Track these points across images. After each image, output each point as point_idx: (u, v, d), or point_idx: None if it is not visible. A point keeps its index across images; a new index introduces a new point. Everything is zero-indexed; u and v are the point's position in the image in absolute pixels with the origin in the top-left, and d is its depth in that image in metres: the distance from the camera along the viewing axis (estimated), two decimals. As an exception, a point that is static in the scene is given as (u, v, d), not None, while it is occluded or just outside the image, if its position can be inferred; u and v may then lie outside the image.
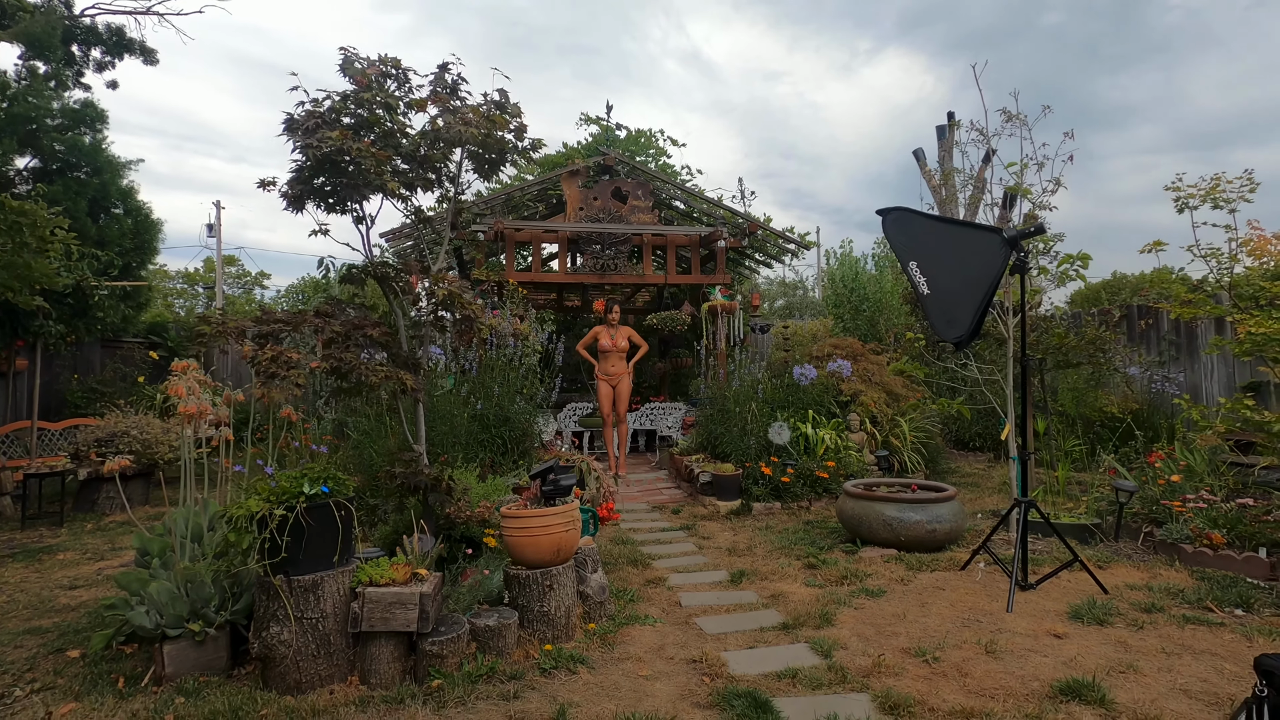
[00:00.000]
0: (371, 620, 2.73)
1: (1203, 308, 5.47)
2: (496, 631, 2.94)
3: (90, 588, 4.60)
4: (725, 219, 8.33)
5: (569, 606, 3.21)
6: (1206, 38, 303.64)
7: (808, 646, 3.15)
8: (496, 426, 6.27)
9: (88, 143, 10.08)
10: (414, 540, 3.12)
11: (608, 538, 5.39)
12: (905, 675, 2.82)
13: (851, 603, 3.77)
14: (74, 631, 3.62)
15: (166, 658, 2.84)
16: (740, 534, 5.57)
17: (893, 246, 4.07)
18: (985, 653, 3.02)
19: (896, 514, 4.78)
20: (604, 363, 7.66)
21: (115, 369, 10.40)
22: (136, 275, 10.97)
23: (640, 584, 4.20)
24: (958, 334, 3.82)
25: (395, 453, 3.81)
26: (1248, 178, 5.13)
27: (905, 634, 3.28)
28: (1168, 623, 3.35)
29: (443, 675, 2.75)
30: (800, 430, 7.15)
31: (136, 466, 7.39)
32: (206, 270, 35.02)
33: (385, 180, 3.49)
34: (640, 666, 2.97)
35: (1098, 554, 4.57)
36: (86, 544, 5.98)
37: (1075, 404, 8.34)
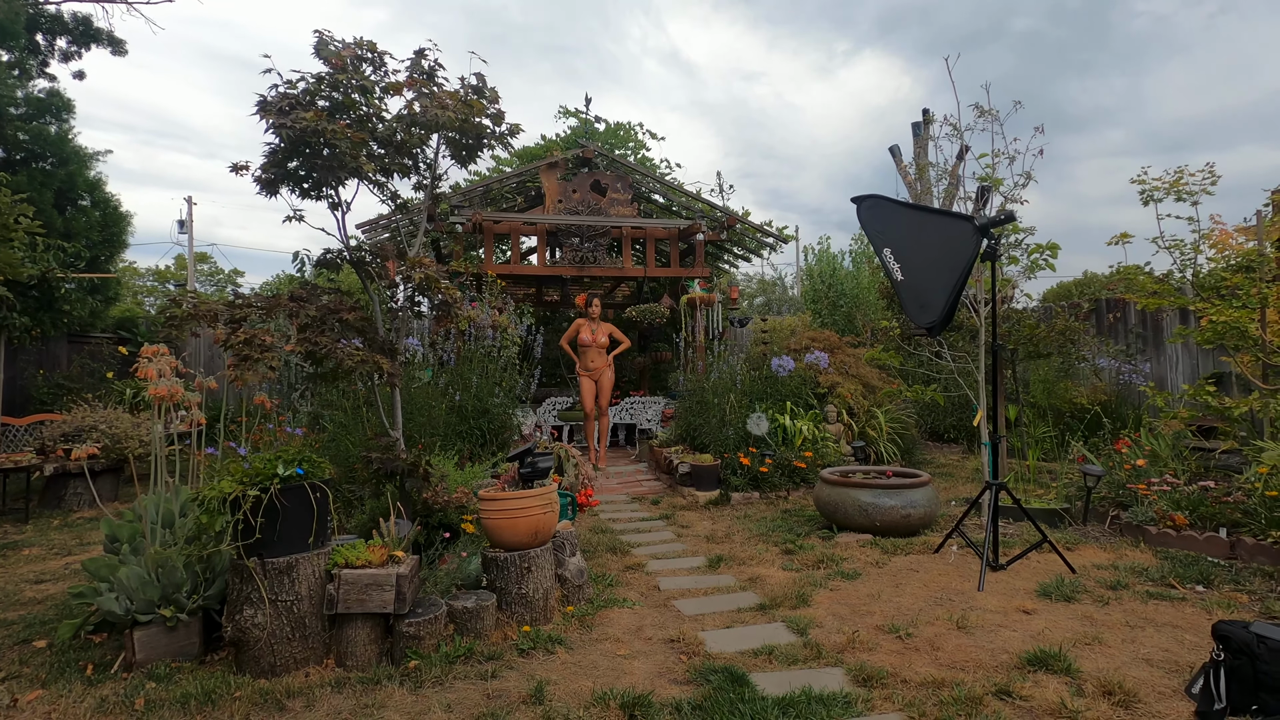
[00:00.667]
0: (348, 602, 2.71)
1: (1167, 298, 5.62)
2: (474, 613, 2.94)
3: (57, 582, 4.51)
4: (704, 212, 8.37)
5: (547, 589, 3.21)
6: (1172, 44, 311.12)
7: (784, 625, 3.18)
8: (475, 418, 6.24)
9: (53, 132, 9.84)
10: (390, 523, 3.10)
11: (587, 527, 5.40)
12: (879, 650, 2.87)
13: (827, 584, 3.82)
14: (40, 623, 3.54)
15: (137, 644, 2.80)
16: (719, 523, 5.61)
17: (867, 233, 4.13)
18: (956, 628, 3.08)
19: (872, 499, 4.85)
20: (585, 358, 7.66)
21: (83, 364, 10.17)
22: (105, 268, 10.74)
23: (619, 570, 4.21)
24: (930, 319, 3.88)
25: (372, 439, 3.78)
26: (1209, 171, 5.28)
27: (879, 612, 3.33)
28: (1132, 599, 3.45)
29: (420, 656, 2.74)
30: (778, 421, 7.21)
31: (105, 460, 7.24)
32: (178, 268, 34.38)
33: (361, 164, 3.47)
34: (618, 646, 2.98)
35: (1067, 537, 4.68)
36: (53, 540, 5.85)
37: (1046, 395, 8.52)
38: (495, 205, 8.31)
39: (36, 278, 7.64)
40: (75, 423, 7.34)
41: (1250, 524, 4.15)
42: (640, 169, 8.51)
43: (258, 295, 3.58)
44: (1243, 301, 5.03)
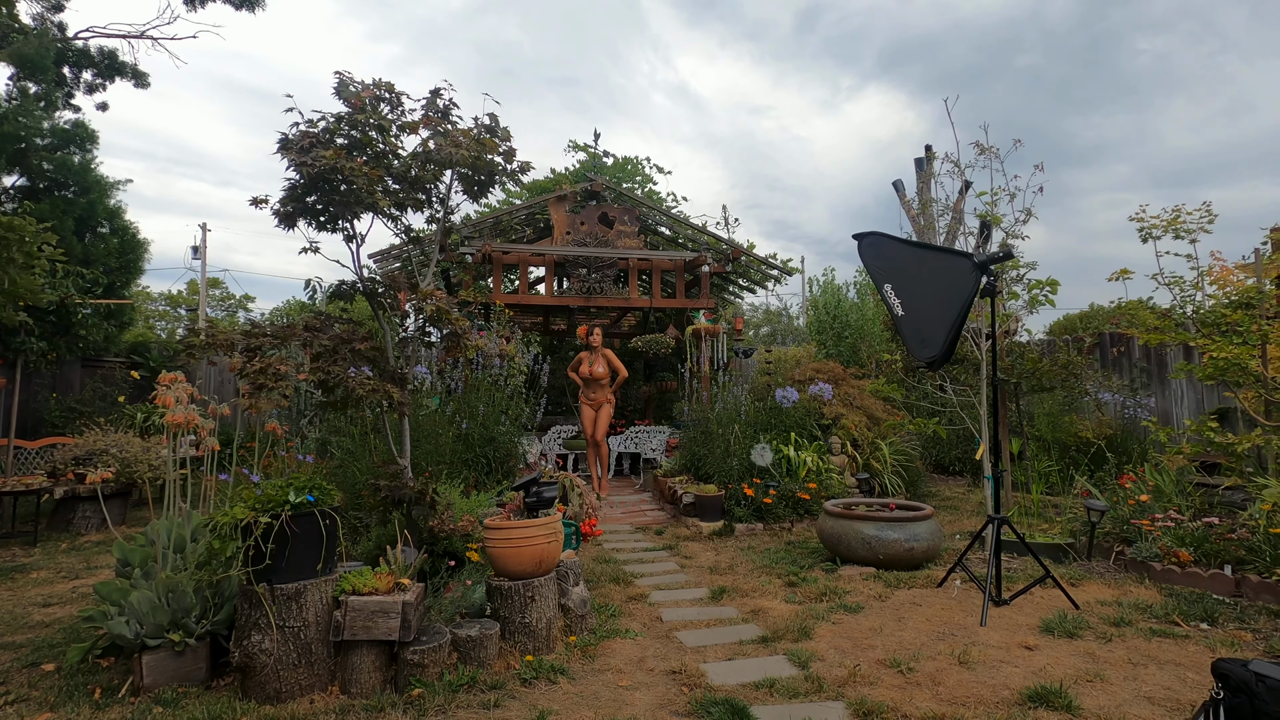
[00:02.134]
0: (353, 629, 2.75)
1: (1169, 334, 5.66)
2: (478, 641, 2.97)
3: (64, 605, 4.54)
4: (710, 245, 8.50)
5: (550, 618, 3.24)
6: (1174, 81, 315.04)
7: (785, 658, 3.19)
8: (481, 446, 6.29)
9: (76, 162, 10.12)
10: (397, 550, 3.14)
11: (591, 557, 5.41)
12: (880, 684, 2.88)
13: (830, 618, 3.82)
14: (49, 646, 3.58)
15: (145, 668, 2.83)
16: (722, 554, 5.61)
17: (868, 270, 4.21)
18: (958, 663, 3.08)
19: (875, 532, 4.86)
20: (587, 388, 7.74)
21: (95, 388, 10.31)
22: (121, 294, 10.95)
23: (622, 600, 4.23)
24: (931, 354, 3.94)
25: (379, 466, 3.84)
26: (1206, 209, 5.37)
27: (881, 646, 3.33)
28: (1135, 635, 3.44)
29: (423, 684, 2.76)
30: (783, 452, 7.23)
31: (115, 484, 7.31)
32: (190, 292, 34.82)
33: (376, 199, 3.59)
34: (620, 677, 3.00)
35: (1070, 572, 4.66)
36: (61, 563, 5.89)
37: (1050, 428, 8.51)
38: (505, 236, 8.48)
39: (56, 303, 7.79)
40: (87, 446, 7.42)
41: (1255, 561, 4.14)
42: (647, 202, 8.68)
43: (272, 324, 3.67)
44: (1243, 338, 5.07)
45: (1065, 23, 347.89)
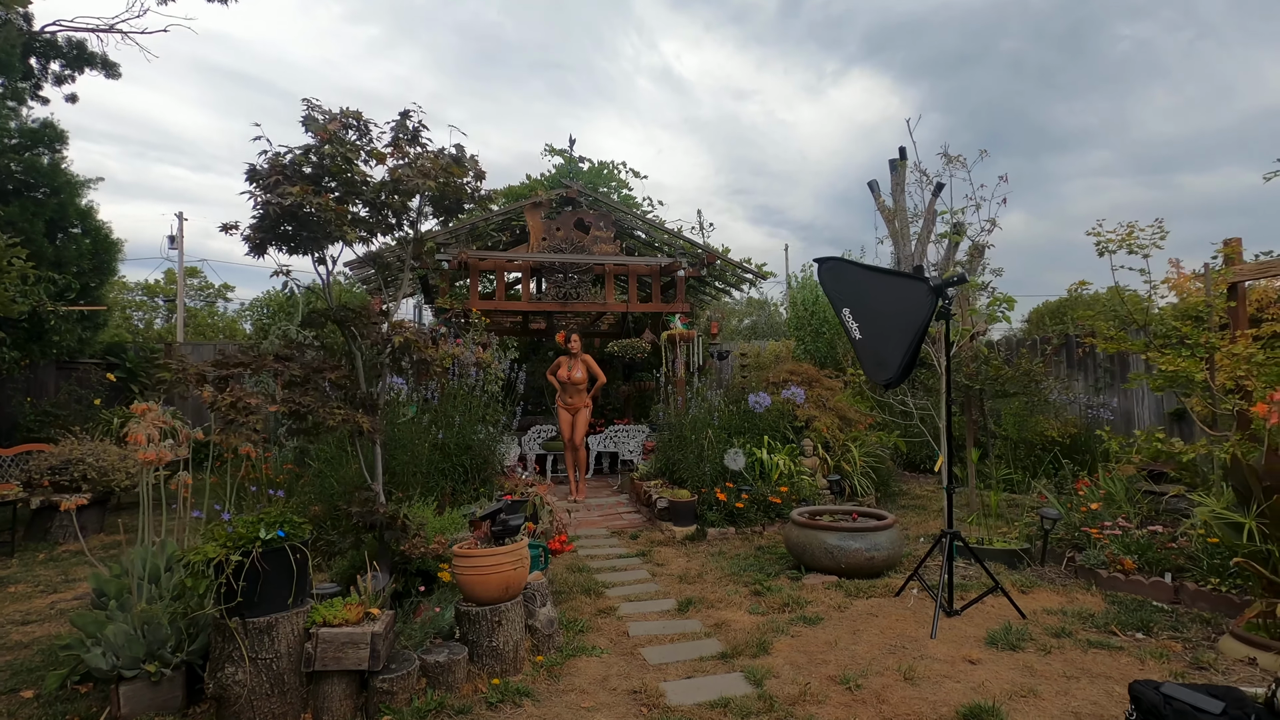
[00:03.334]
0: (324, 660, 2.86)
1: (1124, 343, 5.87)
2: (446, 667, 3.10)
3: (43, 623, 4.60)
4: (685, 249, 8.61)
5: (517, 641, 3.37)
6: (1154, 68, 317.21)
7: (742, 675, 3.35)
8: (458, 454, 6.39)
9: (46, 163, 9.99)
10: (367, 579, 3.25)
11: (564, 565, 5.55)
12: (828, 703, 3.05)
13: (789, 630, 3.99)
14: (27, 670, 3.66)
15: (122, 698, 2.93)
16: (693, 560, 5.77)
17: (827, 294, 4.34)
18: (904, 679, 3.26)
19: (838, 542, 5.03)
20: (564, 393, 7.85)
21: (70, 391, 10.24)
22: (95, 295, 10.85)
23: (591, 614, 4.37)
24: (887, 376, 4.09)
25: (354, 489, 3.94)
26: (1158, 226, 5.55)
27: (834, 661, 3.50)
28: (1073, 647, 3.64)
29: (392, 711, 2.89)
30: (756, 456, 7.40)
31: (92, 493, 7.33)
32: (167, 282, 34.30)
33: (345, 232, 3.66)
34: (583, 698, 3.14)
35: (1024, 578, 4.87)
36: (39, 575, 5.94)
37: (1017, 429, 8.76)
38: (481, 242, 8.52)
39: (27, 312, 7.75)
40: (63, 455, 7.42)
41: (1193, 569, 4.36)
42: (622, 207, 8.75)
43: (244, 351, 3.74)
44: (1191, 350, 5.28)
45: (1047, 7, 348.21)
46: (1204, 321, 5.59)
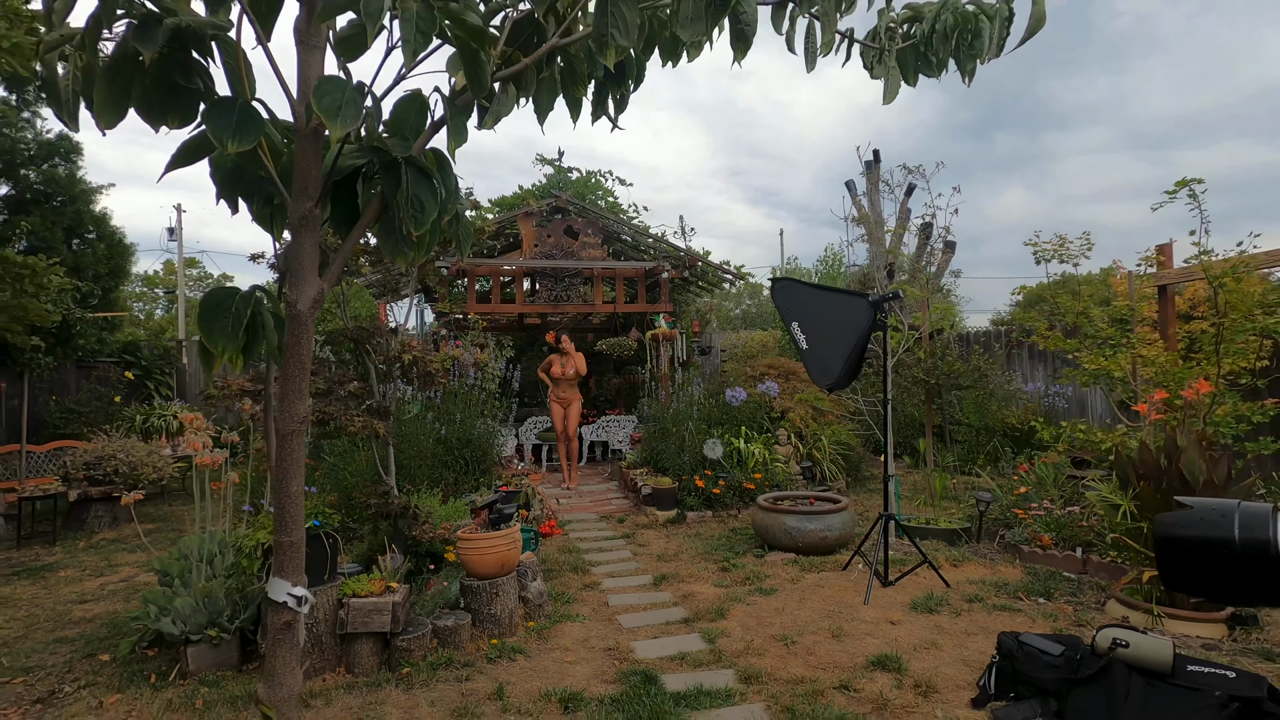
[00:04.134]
0: (354, 624, 3.52)
1: (1059, 342, 6.50)
2: (453, 630, 3.76)
3: (98, 602, 5.26)
4: (668, 253, 9.21)
5: (511, 609, 4.04)
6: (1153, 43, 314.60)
7: (699, 635, 4.03)
8: (459, 448, 7.04)
9: (63, 174, 10.54)
10: (387, 559, 3.91)
11: (555, 547, 6.22)
12: (767, 655, 3.72)
13: (746, 600, 4.66)
14: (97, 640, 4.32)
15: (190, 658, 3.60)
16: (672, 541, 6.44)
17: (779, 310, 4.97)
18: (832, 637, 3.94)
19: (796, 524, 5.70)
20: (557, 388, 8.50)
21: (91, 389, 10.85)
22: (111, 298, 11.46)
23: (578, 588, 5.04)
24: (830, 381, 4.73)
25: (370, 484, 4.59)
26: (1086, 239, 6.17)
27: (778, 624, 4.18)
28: (982, 610, 4.31)
29: (411, 664, 3.56)
30: (734, 445, 8.05)
31: (123, 485, 7.98)
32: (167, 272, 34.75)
33: (360, 264, 4.27)
34: (566, 654, 3.82)
35: (959, 554, 5.54)
36: (83, 561, 6.58)
37: (978, 416, 9.42)
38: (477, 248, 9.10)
39: (59, 322, 8.35)
40: (96, 451, 8.06)
41: (1098, 544, 5.03)
42: (608, 215, 9.34)
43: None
44: (1113, 350, 5.91)
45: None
46: (1128, 323, 6.22)
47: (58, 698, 3.53)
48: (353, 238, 0.96)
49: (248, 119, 0.77)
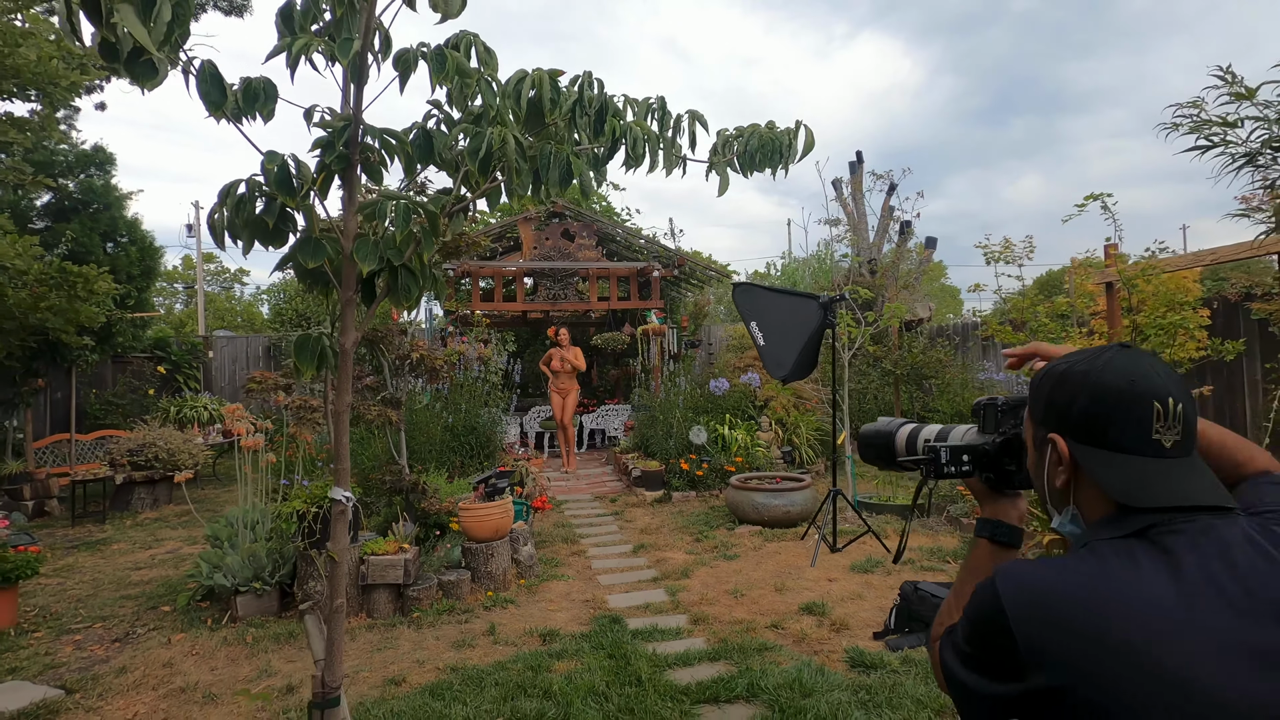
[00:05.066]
0: (373, 577, 4.27)
1: (1006, 335, 7.11)
2: (455, 584, 4.50)
3: (151, 569, 6.05)
4: (658, 254, 9.88)
5: (505, 568, 4.77)
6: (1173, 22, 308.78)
7: (664, 590, 4.74)
8: (464, 435, 7.79)
9: (99, 184, 11.35)
10: (400, 525, 4.65)
11: (552, 522, 6.95)
12: (717, 605, 4.43)
13: (711, 563, 5.37)
14: (156, 596, 5.10)
15: (239, 605, 4.36)
16: (656, 517, 7.16)
17: (740, 311, 5.63)
18: (775, 591, 4.63)
19: (764, 500, 6.40)
20: (557, 379, 9.23)
21: (127, 383, 11.71)
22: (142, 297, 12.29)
23: (567, 554, 5.77)
24: (783, 374, 5.40)
25: (385, 465, 5.33)
26: (1029, 243, 6.77)
27: (733, 582, 4.88)
28: (911, 571, 4.99)
29: (419, 611, 4.30)
30: (718, 431, 8.74)
31: (163, 470, 8.80)
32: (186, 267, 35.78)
33: (374, 276, 4.99)
34: (551, 605, 4.54)
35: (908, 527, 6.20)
36: (132, 536, 7.40)
37: (950, 403, 10.04)
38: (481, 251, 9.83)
39: (103, 323, 9.16)
40: (138, 440, 8.88)
41: (1026, 516, 5.68)
42: (603, 219, 10.01)
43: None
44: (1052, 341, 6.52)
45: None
46: (1068, 319, 6.83)
47: (132, 638, 4.31)
48: (372, 309, 1.61)
49: (318, 247, 1.44)
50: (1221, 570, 0.81)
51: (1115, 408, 0.90)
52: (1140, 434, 0.89)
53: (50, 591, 5.34)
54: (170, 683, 3.61)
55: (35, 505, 8.43)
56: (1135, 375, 0.91)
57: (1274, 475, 1.04)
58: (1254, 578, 0.80)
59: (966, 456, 1.18)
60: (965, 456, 1.18)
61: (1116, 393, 0.90)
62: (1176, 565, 0.81)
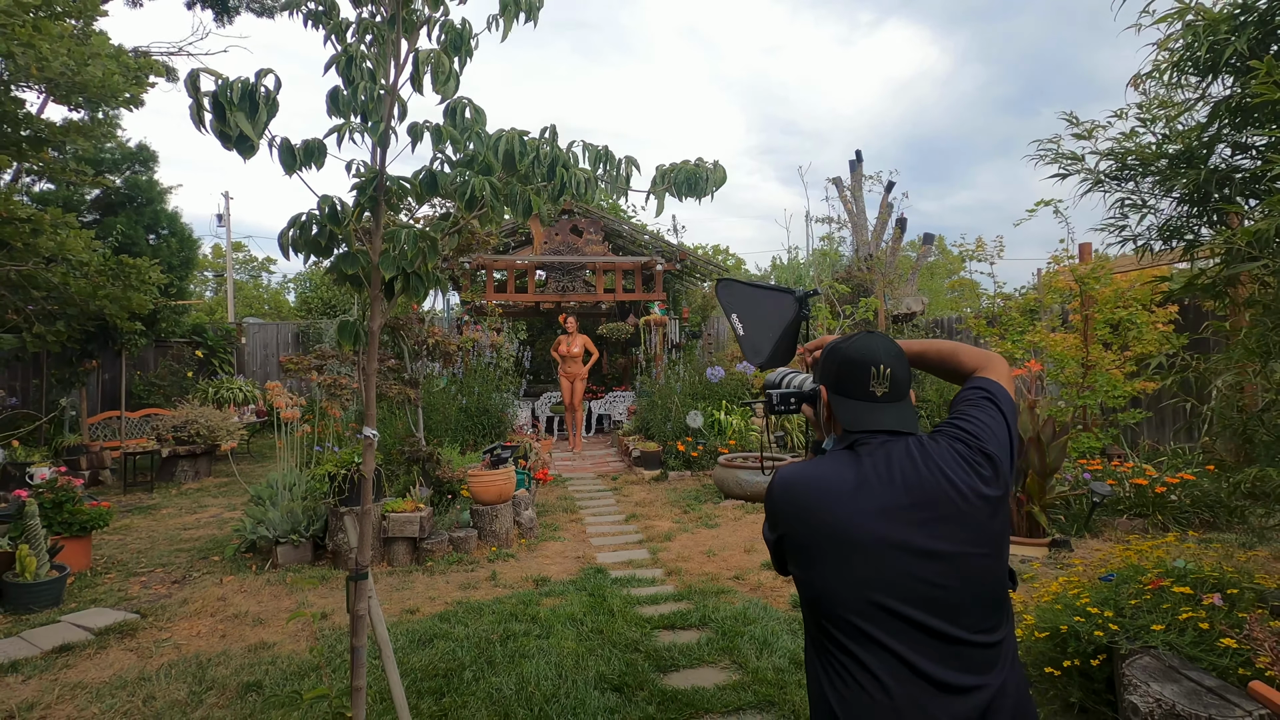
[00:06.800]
0: (393, 530, 4.95)
1: (979, 328, 7.63)
2: (464, 540, 5.18)
3: (198, 529, 6.81)
4: (661, 248, 10.47)
5: (508, 529, 5.44)
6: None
7: (647, 550, 5.38)
8: (477, 416, 8.47)
9: (144, 180, 12.18)
10: (416, 489, 5.33)
11: (555, 496, 7.62)
12: (691, 561, 5.05)
13: (692, 530, 5.99)
14: (206, 549, 5.85)
15: (279, 554, 5.08)
16: (651, 493, 7.79)
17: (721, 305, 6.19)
18: (745, 552, 5.25)
19: (746, 477, 7.00)
20: (564, 364, 9.88)
21: (168, 366, 12.57)
22: (183, 285, 13.15)
23: (566, 521, 6.43)
24: (760, 360, 5.94)
25: (404, 437, 6.02)
26: (999, 242, 7.27)
27: (710, 544, 5.50)
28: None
29: (432, 561, 4.98)
30: (714, 416, 9.35)
31: (204, 445, 9.62)
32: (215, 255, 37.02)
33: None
34: (546, 559, 5.20)
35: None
36: (178, 503, 8.20)
37: (938, 393, 10.53)
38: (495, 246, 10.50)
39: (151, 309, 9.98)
40: (181, 417, 9.71)
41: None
42: (609, 215, 10.61)
43: (334, 351, 5.80)
44: (1017, 335, 7.03)
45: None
46: (1036, 313, 7.32)
47: (189, 579, 5.05)
48: (392, 303, 2.23)
49: (353, 260, 2.08)
50: (883, 466, 1.40)
51: (848, 370, 1.50)
52: (861, 387, 1.49)
53: (113, 545, 6.11)
54: (224, 611, 4.33)
55: (90, 475, 9.27)
56: (863, 349, 1.51)
57: (972, 380, 1.59)
58: (900, 471, 1.40)
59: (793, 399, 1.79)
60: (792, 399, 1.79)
61: (850, 361, 1.50)
62: (859, 462, 1.42)
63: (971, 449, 1.41)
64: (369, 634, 2.29)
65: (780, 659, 3.20)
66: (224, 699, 3.16)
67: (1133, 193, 2.74)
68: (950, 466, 1.39)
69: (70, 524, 5.09)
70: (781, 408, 1.83)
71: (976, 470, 1.39)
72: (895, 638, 1.29)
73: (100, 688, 3.30)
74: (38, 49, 5.50)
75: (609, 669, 3.14)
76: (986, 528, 1.37)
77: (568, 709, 2.77)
